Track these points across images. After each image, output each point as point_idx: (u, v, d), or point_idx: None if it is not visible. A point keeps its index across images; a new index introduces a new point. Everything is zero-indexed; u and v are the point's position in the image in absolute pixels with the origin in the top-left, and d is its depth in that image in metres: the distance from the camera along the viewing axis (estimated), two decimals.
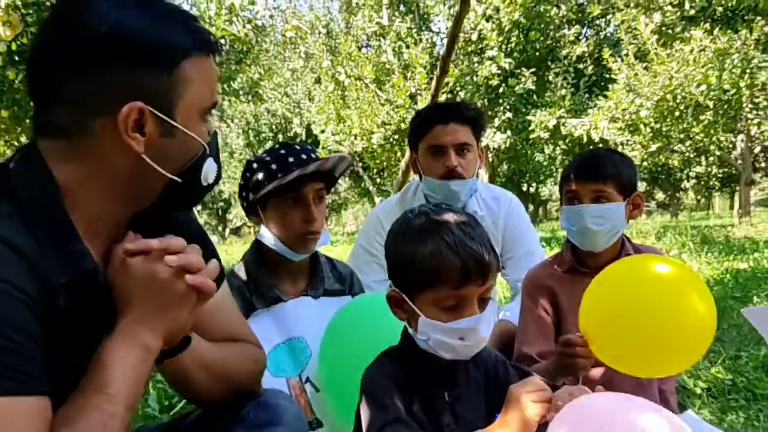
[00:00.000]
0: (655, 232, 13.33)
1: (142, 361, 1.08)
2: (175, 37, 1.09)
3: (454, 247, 1.28)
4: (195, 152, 1.17)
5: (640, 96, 10.27)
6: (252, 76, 10.88)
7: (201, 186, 1.23)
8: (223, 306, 1.44)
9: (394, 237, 1.40)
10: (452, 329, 1.30)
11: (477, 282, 1.29)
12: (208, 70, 1.16)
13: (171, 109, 1.11)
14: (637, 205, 2.07)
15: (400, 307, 1.39)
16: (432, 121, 2.47)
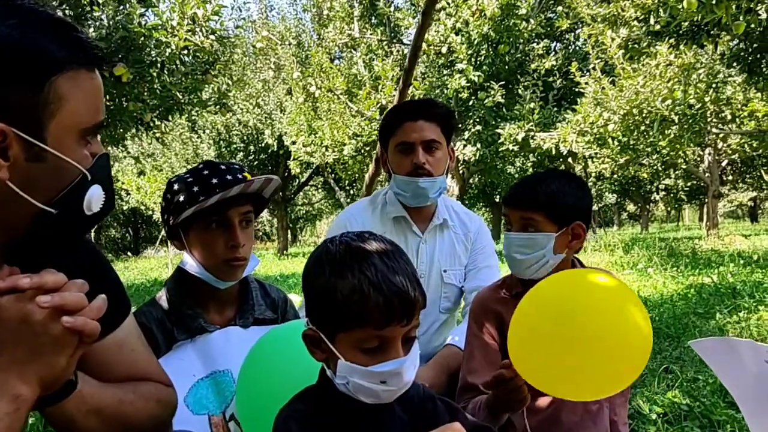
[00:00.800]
0: (623, 245, 13.43)
1: (10, 414, 0.95)
2: (45, 48, 0.97)
3: (377, 284, 1.15)
4: (72, 179, 1.05)
5: (607, 110, 10.32)
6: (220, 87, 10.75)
7: (84, 216, 1.09)
8: (125, 342, 1.32)
9: (311, 268, 1.26)
10: (373, 373, 1.18)
11: (402, 321, 1.17)
12: (89, 86, 1.04)
13: (40, 131, 0.98)
14: (577, 236, 1.96)
15: (317, 347, 1.26)
16: (401, 119, 2.45)
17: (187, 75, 8.12)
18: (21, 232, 1.07)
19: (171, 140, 22.34)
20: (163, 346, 1.83)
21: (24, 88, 0.96)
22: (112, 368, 1.27)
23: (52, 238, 1.12)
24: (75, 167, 1.04)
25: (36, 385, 1.00)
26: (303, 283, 1.29)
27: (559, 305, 1.57)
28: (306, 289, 1.28)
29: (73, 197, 1.06)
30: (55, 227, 1.08)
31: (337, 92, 14.10)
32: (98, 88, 1.07)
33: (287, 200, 25.92)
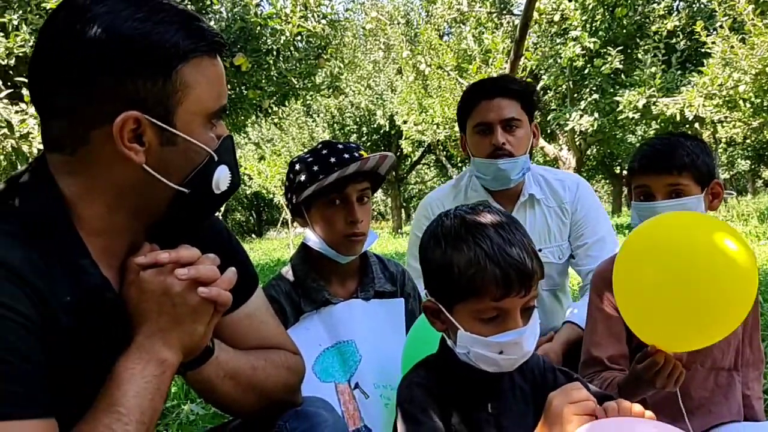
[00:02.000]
0: (758, 214, 12.51)
1: (157, 377, 1.06)
2: (171, 40, 1.04)
3: (493, 256, 1.19)
4: (201, 160, 1.13)
5: (737, 70, 9.57)
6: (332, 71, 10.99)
7: (213, 195, 1.18)
8: (255, 313, 1.41)
9: (427, 242, 1.31)
10: (493, 343, 1.22)
11: (519, 293, 1.20)
12: (212, 73, 1.12)
13: (170, 117, 1.06)
14: (716, 194, 1.88)
15: (437, 318, 1.31)
16: (477, 98, 2.35)
17: (301, 60, 8.35)
18: (161, 213, 1.16)
19: (288, 125, 23.15)
20: (291, 317, 1.95)
21: (154, 78, 1.04)
22: (244, 338, 1.36)
23: (187, 215, 1.22)
24: (203, 149, 1.12)
25: (178, 350, 1.10)
26: (420, 257, 1.33)
27: (657, 250, 1.52)
28: (423, 263, 1.33)
29: (202, 177, 1.14)
30: (189, 206, 1.17)
31: (447, 68, 14.02)
32: (220, 74, 1.14)
33: (400, 179, 26.15)
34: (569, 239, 2.51)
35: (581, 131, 13.22)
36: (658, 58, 11.66)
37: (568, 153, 15.13)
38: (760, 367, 2.05)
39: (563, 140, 15.37)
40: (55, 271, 1.01)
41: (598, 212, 2.53)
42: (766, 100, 9.88)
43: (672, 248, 1.50)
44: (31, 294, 0.96)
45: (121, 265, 1.13)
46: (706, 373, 1.92)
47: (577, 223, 2.50)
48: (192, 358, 1.17)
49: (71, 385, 1.03)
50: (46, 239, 1.02)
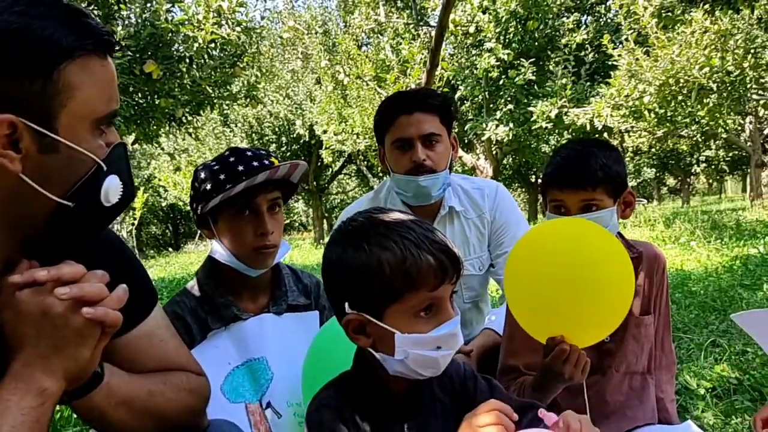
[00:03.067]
0: (663, 219, 13.14)
1: (36, 408, 0.95)
2: (52, 36, 0.94)
3: (423, 246, 1.14)
4: (87, 169, 1.02)
5: (642, 81, 10.03)
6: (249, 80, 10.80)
7: (102, 208, 1.07)
8: (154, 332, 1.30)
9: (341, 249, 1.21)
10: (433, 339, 1.16)
11: (452, 278, 1.16)
12: (100, 74, 1.01)
13: (51, 121, 0.96)
14: (629, 203, 1.91)
15: (361, 333, 1.22)
16: (395, 113, 2.27)
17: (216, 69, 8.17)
18: (40, 227, 1.05)
19: (204, 135, 22.60)
20: (197, 335, 1.83)
21: (32, 78, 0.93)
22: (141, 360, 1.25)
23: (72, 231, 1.10)
24: (89, 158, 1.02)
25: (61, 378, 0.99)
26: (331, 273, 1.24)
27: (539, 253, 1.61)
28: (339, 274, 1.22)
29: (89, 189, 1.04)
30: (74, 220, 1.06)
31: (366, 79, 14.05)
32: (111, 76, 1.05)
33: (321, 190, 26.01)
34: (489, 248, 2.49)
35: (497, 141, 13.53)
36: (569, 69, 12.10)
37: (485, 162, 15.46)
38: (672, 369, 2.10)
39: (480, 149, 15.70)
40: None
41: (518, 219, 2.52)
42: (670, 110, 10.40)
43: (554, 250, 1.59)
44: None
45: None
46: (621, 377, 1.95)
47: (497, 231, 2.48)
48: (78, 386, 1.05)
49: None
50: None
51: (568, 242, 1.60)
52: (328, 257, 1.25)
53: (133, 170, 1.12)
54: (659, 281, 2.03)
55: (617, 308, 1.61)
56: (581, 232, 1.62)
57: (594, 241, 1.60)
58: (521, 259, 1.65)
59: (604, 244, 1.60)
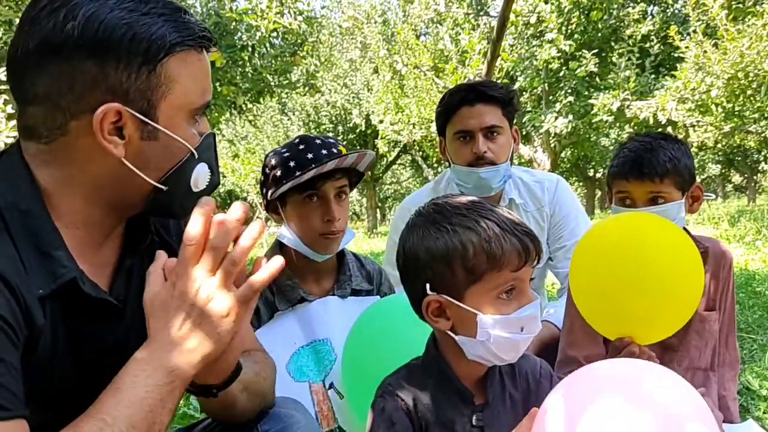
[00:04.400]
0: (728, 217, 12.71)
1: (161, 387, 0.97)
2: (157, 31, 1.01)
3: (506, 227, 1.17)
4: (181, 157, 1.10)
5: (709, 75, 9.68)
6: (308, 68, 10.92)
7: (191, 193, 1.14)
8: None
9: (422, 232, 1.23)
10: (515, 320, 1.18)
11: (534, 260, 1.19)
12: (198, 68, 1.08)
13: (153, 111, 1.03)
14: (696, 198, 1.90)
15: (442, 316, 1.23)
16: (457, 104, 2.29)
17: (276, 57, 8.29)
18: (138, 208, 1.13)
19: (263, 123, 22.96)
20: (265, 316, 1.90)
21: (135, 70, 1.00)
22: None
23: (163, 212, 1.19)
24: (184, 146, 1.09)
25: (198, 361, 1.01)
26: (410, 256, 1.26)
27: (608, 249, 1.62)
28: (417, 258, 1.24)
29: (181, 175, 1.11)
30: (166, 203, 1.13)
31: (424, 69, 13.98)
32: (206, 70, 1.11)
33: (375, 179, 26.11)
34: (548, 242, 2.49)
35: (556, 133, 13.30)
36: (632, 61, 11.76)
37: (543, 155, 15.21)
38: (735, 367, 2.07)
39: (538, 142, 15.46)
40: (32, 264, 0.96)
41: (577, 213, 2.51)
42: (738, 104, 10.04)
43: (623, 246, 1.59)
44: (7, 289, 0.91)
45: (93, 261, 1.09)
46: (683, 372, 1.91)
47: (556, 225, 2.48)
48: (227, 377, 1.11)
49: (48, 383, 0.98)
50: (20, 229, 0.97)
51: (638, 237, 1.61)
52: (406, 240, 1.27)
53: None
54: (725, 278, 2.01)
55: (686, 306, 1.60)
56: (651, 226, 1.61)
57: (664, 237, 1.59)
58: (588, 253, 1.65)
59: (674, 240, 1.59)
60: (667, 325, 1.66)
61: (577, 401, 1.04)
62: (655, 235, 1.61)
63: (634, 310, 1.59)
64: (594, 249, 1.67)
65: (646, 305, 1.57)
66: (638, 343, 1.64)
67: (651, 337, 1.66)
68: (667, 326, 1.67)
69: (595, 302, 1.66)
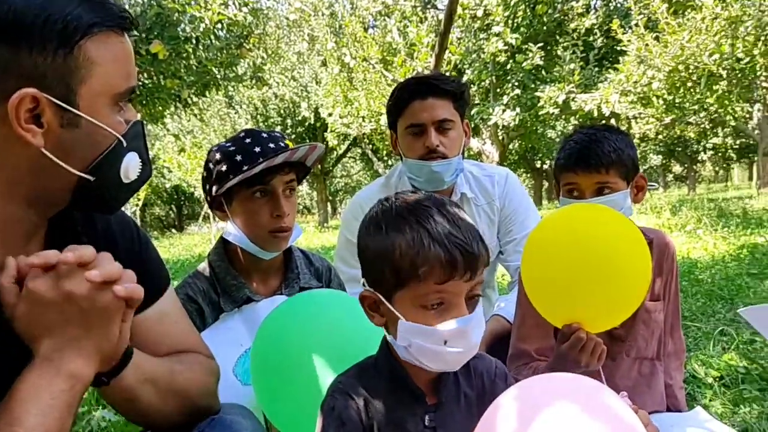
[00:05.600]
0: (670, 207, 13.10)
1: (66, 391, 0.95)
2: (73, 11, 0.95)
3: (437, 236, 1.11)
4: (107, 145, 1.03)
5: (651, 67, 9.95)
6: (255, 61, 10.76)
7: (121, 184, 1.08)
8: (167, 315, 1.30)
9: (367, 228, 1.21)
10: (436, 332, 1.12)
11: (464, 276, 1.11)
12: (119, 50, 1.02)
13: (72, 96, 0.96)
14: (641, 188, 1.92)
15: (376, 311, 1.21)
16: (409, 98, 2.25)
17: (222, 49, 8.14)
18: (62, 202, 1.06)
19: (209, 117, 22.56)
20: (209, 317, 1.83)
21: (53, 53, 0.94)
22: (156, 341, 1.26)
23: (93, 206, 1.12)
24: (110, 133, 1.03)
25: (93, 359, 0.99)
26: (358, 246, 1.24)
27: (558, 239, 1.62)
28: (361, 251, 1.23)
29: (109, 164, 1.05)
30: (95, 195, 1.06)
31: (372, 61, 13.96)
32: (128, 53, 1.05)
33: (326, 173, 25.99)
34: (498, 235, 2.49)
35: (504, 126, 13.46)
36: (577, 55, 12.00)
37: (492, 147, 15.39)
38: (681, 356, 2.10)
39: (486, 134, 15.63)
40: None
41: (527, 207, 2.52)
42: (678, 96, 10.33)
43: (573, 236, 1.59)
44: None
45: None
46: (631, 362, 1.96)
47: (507, 218, 2.48)
48: (112, 366, 1.05)
49: None
50: None
51: (587, 227, 1.61)
52: (358, 234, 1.25)
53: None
54: (669, 269, 2.04)
55: (634, 294, 1.61)
56: (599, 217, 1.62)
57: (612, 226, 1.60)
58: (539, 244, 1.65)
59: (622, 230, 1.60)
60: (615, 314, 1.67)
61: (528, 402, 1.03)
62: (604, 225, 1.61)
63: (584, 298, 1.59)
64: (545, 239, 1.67)
65: (595, 294, 1.58)
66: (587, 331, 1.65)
67: (599, 326, 1.66)
68: (615, 315, 1.68)
69: (545, 290, 1.66)
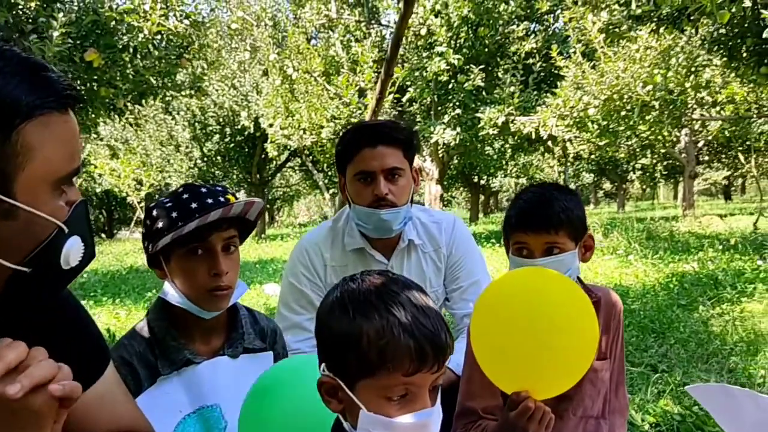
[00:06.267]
0: (602, 228, 13.50)
1: None
2: (11, 94, 0.87)
3: (407, 326, 1.07)
4: (47, 234, 0.95)
5: (587, 94, 10.27)
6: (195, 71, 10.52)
7: (62, 272, 1.00)
8: (106, 394, 1.23)
9: (330, 310, 1.16)
10: (400, 426, 1.08)
11: (432, 368, 1.08)
12: (62, 131, 0.94)
13: (9, 185, 0.88)
14: (589, 247, 1.94)
15: (334, 397, 1.15)
16: (359, 145, 2.23)
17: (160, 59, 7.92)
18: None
19: (144, 122, 21.92)
20: (145, 381, 1.72)
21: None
22: (94, 423, 1.19)
23: (28, 297, 1.02)
24: (50, 222, 0.95)
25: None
26: (318, 326, 1.19)
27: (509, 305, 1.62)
28: (323, 332, 1.17)
29: (48, 253, 0.97)
30: (30, 285, 0.98)
31: (315, 74, 13.87)
32: (73, 132, 0.97)
33: (264, 182, 25.65)
34: (444, 282, 2.47)
35: (445, 144, 13.60)
36: (517, 78, 12.26)
37: (431, 164, 15.52)
38: (624, 414, 2.13)
39: (427, 152, 15.76)
40: None
41: (474, 254, 2.52)
42: (612, 123, 10.67)
43: (520, 303, 1.59)
44: None
45: None
46: (577, 421, 1.98)
47: (453, 266, 2.47)
48: None
49: None
50: None
51: (535, 295, 1.61)
52: (320, 314, 1.20)
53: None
54: (616, 327, 2.07)
55: (583, 361, 1.63)
56: (548, 284, 1.63)
57: (560, 295, 1.61)
58: (488, 311, 1.64)
59: (571, 298, 1.61)
60: (564, 381, 1.68)
61: None
62: (551, 292, 1.62)
63: (533, 366, 1.59)
64: (493, 306, 1.66)
65: (544, 362, 1.58)
66: (534, 398, 1.64)
67: (548, 393, 1.67)
68: (564, 382, 1.69)
69: (494, 357, 1.65)
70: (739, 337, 4.54)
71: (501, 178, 33.68)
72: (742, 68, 7.91)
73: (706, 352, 4.17)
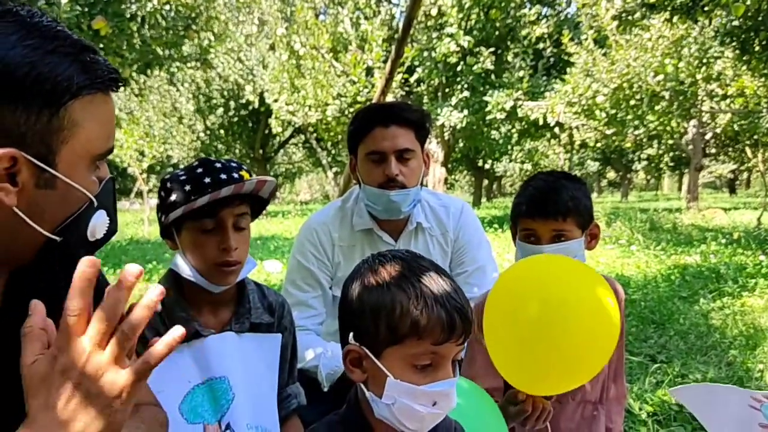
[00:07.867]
0: (606, 218, 13.48)
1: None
2: (62, 72, 0.91)
3: (440, 298, 1.11)
4: (79, 205, 1.00)
5: (597, 81, 10.21)
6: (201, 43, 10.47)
7: (87, 243, 1.05)
8: None
9: (360, 281, 1.20)
10: (426, 393, 1.12)
11: (458, 339, 1.11)
12: (104, 112, 1.00)
13: (51, 157, 0.93)
14: (594, 236, 1.97)
15: (358, 366, 1.18)
16: (371, 124, 2.22)
17: (168, 30, 7.88)
18: (24, 261, 1.03)
19: (148, 92, 21.83)
20: None
21: (35, 113, 0.91)
22: None
23: (55, 264, 1.08)
24: (84, 194, 1.00)
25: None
26: (345, 298, 1.22)
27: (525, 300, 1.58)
28: (351, 304, 1.21)
29: (78, 224, 1.02)
30: (60, 254, 1.03)
31: (322, 50, 13.79)
32: (112, 113, 1.04)
33: (267, 158, 25.61)
34: (450, 266, 2.47)
35: (451, 126, 13.55)
36: (526, 62, 12.17)
37: (437, 146, 15.47)
38: (622, 401, 2.15)
39: (433, 134, 15.69)
40: None
41: (480, 240, 2.51)
42: (621, 112, 10.62)
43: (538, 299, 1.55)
44: None
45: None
46: (575, 406, 2.02)
47: (459, 250, 2.48)
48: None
49: None
50: None
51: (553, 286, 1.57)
52: (348, 285, 1.23)
53: None
54: None
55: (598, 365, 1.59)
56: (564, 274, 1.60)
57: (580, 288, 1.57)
58: (501, 302, 1.62)
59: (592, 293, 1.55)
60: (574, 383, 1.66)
61: None
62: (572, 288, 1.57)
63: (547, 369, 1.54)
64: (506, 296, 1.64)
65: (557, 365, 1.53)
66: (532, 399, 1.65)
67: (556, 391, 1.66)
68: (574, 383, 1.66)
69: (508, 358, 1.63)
70: (739, 331, 4.55)
71: (506, 163, 33.54)
72: (754, 62, 7.87)
73: (705, 344, 4.18)
